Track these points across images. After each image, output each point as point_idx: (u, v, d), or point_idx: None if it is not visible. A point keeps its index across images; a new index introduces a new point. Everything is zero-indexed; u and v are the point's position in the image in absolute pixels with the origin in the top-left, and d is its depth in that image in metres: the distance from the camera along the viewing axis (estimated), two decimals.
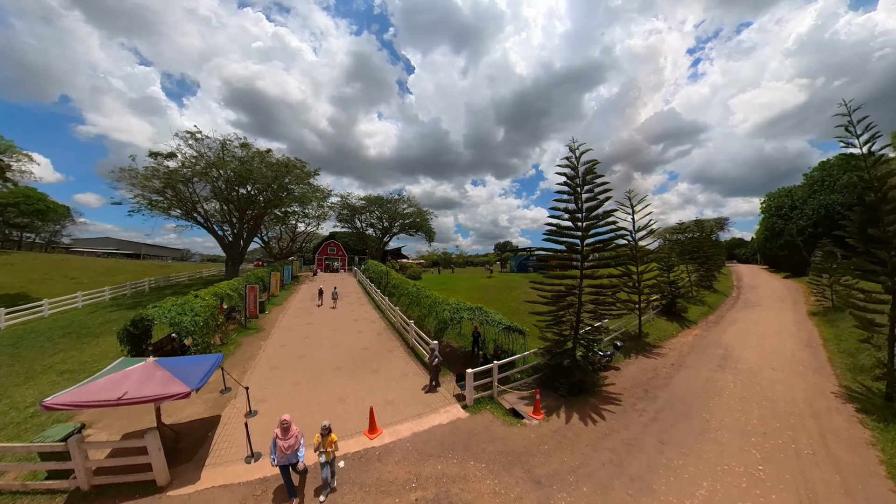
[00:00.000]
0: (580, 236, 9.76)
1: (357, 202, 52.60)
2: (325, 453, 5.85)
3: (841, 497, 5.56)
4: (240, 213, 30.97)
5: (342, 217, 52.83)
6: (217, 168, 27.16)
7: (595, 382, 9.93)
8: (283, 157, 33.49)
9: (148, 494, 5.86)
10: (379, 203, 53.36)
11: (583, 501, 5.27)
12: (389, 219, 54.81)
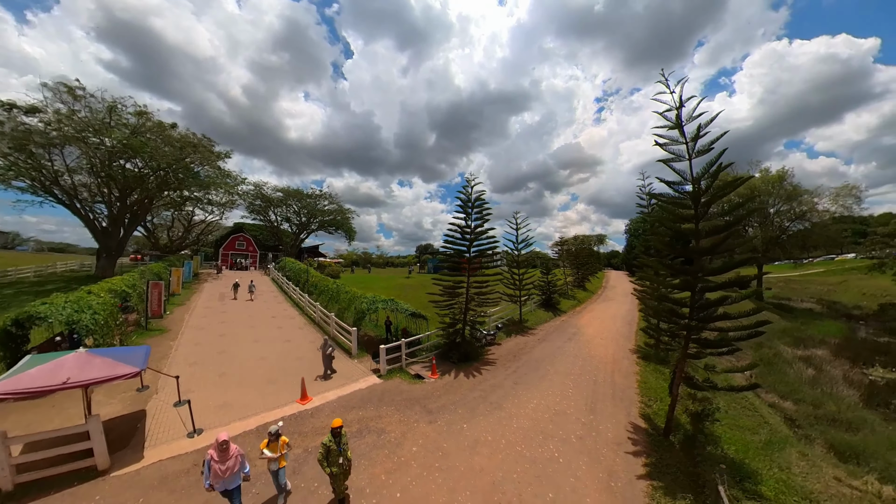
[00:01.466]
0: (467, 246, 13.08)
1: (273, 193, 48.81)
2: (280, 458, 5.55)
3: (609, 399, 9.63)
4: (122, 194, 25.95)
5: (254, 208, 48.46)
6: (99, 134, 22.60)
7: (480, 353, 13.31)
8: (188, 133, 29.40)
9: (88, 480, 6.09)
10: (298, 197, 50.43)
11: (456, 417, 8.10)
12: (308, 214, 52.14)
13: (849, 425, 12.12)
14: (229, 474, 4.93)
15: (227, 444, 4.98)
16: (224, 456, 4.93)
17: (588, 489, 5.78)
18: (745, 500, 5.61)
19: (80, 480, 6.12)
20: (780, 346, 21.87)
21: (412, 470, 6.11)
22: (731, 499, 5.54)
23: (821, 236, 33.59)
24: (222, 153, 32.67)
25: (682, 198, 7.71)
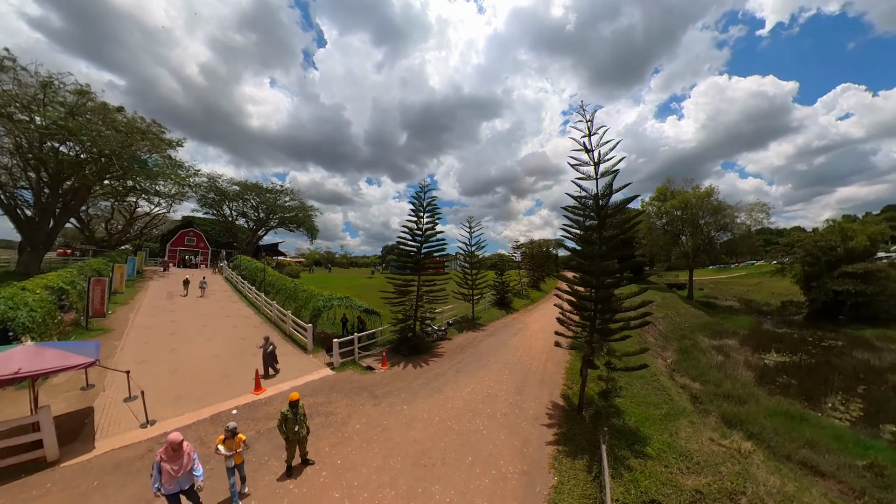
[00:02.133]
0: (418, 247, 14.23)
1: (229, 186, 45.96)
2: (236, 455, 5.45)
3: (537, 383, 11.11)
4: (53, 180, 23.72)
5: (207, 201, 45.28)
6: (28, 111, 20.78)
7: (430, 346, 14.48)
8: (135, 117, 27.35)
9: (37, 471, 6.28)
10: (256, 191, 47.92)
11: (398, 400, 9.19)
12: (267, 210, 49.74)
13: (740, 400, 14.73)
14: (182, 473, 4.84)
15: (180, 444, 4.86)
16: (176, 456, 4.83)
17: (503, 454, 7.09)
18: (632, 457, 7.16)
19: (28, 472, 6.28)
20: (699, 338, 25.27)
21: (354, 442, 7.11)
22: (620, 457, 7.08)
23: (743, 245, 38.68)
24: (174, 141, 30.72)
25: (588, 210, 9.26)
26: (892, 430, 13.83)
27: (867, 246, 30.09)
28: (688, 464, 7.17)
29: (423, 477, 6.10)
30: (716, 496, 6.16)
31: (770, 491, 6.55)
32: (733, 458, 7.67)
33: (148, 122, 28.50)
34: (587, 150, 9.17)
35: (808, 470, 9.92)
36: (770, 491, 6.55)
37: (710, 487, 6.32)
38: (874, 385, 18.03)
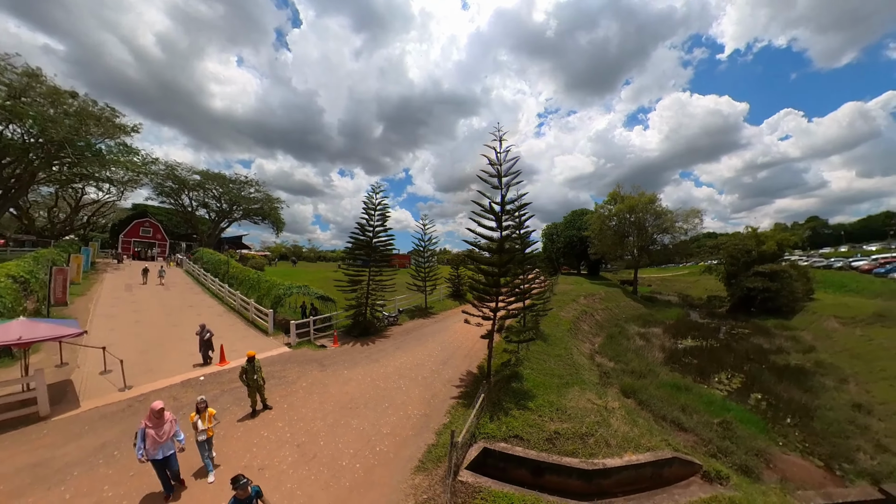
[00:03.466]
0: (369, 241, 16.49)
1: (189, 175, 44.40)
2: (208, 429, 5.97)
3: (462, 357, 13.64)
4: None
5: (164, 190, 43.67)
6: None
7: (380, 330, 16.83)
8: (87, 99, 26.68)
9: (32, 423, 7.65)
10: (219, 181, 46.65)
11: (341, 368, 11.51)
12: (231, 201, 48.84)
13: (642, 375, 18.01)
14: (166, 438, 5.30)
15: (163, 412, 5.37)
16: (160, 422, 5.29)
17: (413, 402, 9.45)
18: (515, 409, 9.61)
19: (25, 424, 7.73)
20: (629, 326, 29.14)
21: (299, 395, 9.35)
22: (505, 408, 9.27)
23: (682, 246, 43.74)
24: (129, 126, 30.07)
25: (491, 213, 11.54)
26: (757, 397, 17.46)
27: (775, 250, 35.45)
28: (559, 415, 9.42)
29: (346, 415, 8.43)
30: (570, 436, 8.35)
31: (615, 434, 8.73)
32: (600, 413, 9.94)
33: (101, 106, 28.04)
34: (495, 164, 11.54)
35: (675, 426, 12.47)
36: (615, 434, 8.73)
37: (568, 430, 8.51)
38: (757, 363, 22.12)
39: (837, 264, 43.38)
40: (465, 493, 5.50)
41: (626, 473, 7.57)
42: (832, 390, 18.41)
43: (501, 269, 10.76)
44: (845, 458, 12.20)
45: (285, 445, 6.95)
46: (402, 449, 6.95)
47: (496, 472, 6.85)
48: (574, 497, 6.57)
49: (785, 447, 12.81)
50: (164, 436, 5.32)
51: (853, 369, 21.16)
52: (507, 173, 11.27)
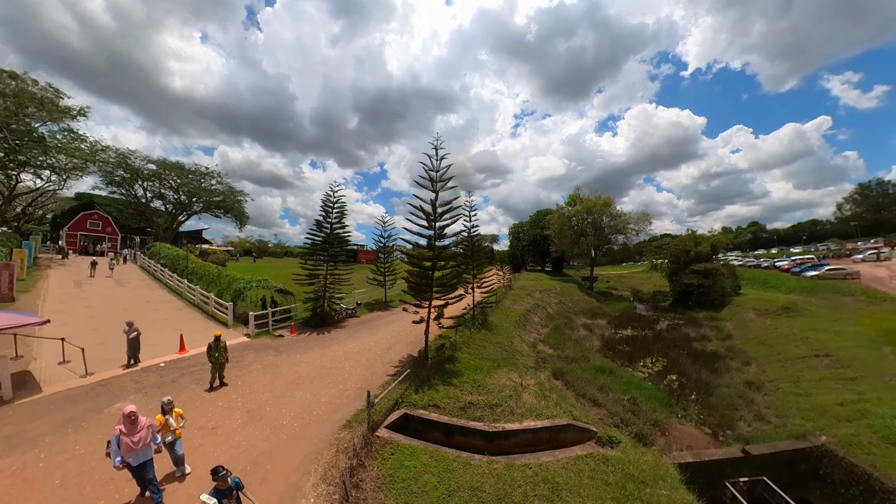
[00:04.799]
0: (325, 237, 17.90)
1: (143, 164, 42.17)
2: (177, 430, 5.98)
3: (407, 343, 15.35)
4: None
5: (115, 180, 41.22)
6: None
7: (338, 321, 18.34)
8: (27, 79, 25.22)
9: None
10: (177, 171, 44.80)
11: (294, 353, 13.01)
12: (190, 194, 47.05)
13: (574, 360, 20.54)
14: (142, 445, 5.16)
15: (136, 415, 5.18)
16: (133, 428, 5.10)
17: (353, 379, 11.03)
18: (441, 385, 11.36)
19: None
20: (578, 318, 32.19)
21: (253, 374, 10.85)
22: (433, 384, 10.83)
23: (640, 246, 47.87)
24: (74, 110, 28.71)
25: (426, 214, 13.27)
26: (672, 378, 20.27)
27: (709, 251, 39.94)
28: (478, 390, 11.06)
29: (293, 388, 10.05)
30: (482, 406, 10.02)
31: (522, 406, 10.36)
32: (515, 389, 11.57)
33: (42, 86, 26.70)
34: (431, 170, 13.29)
35: (591, 403, 14.55)
36: (522, 406, 10.36)
37: (482, 402, 10.18)
38: (680, 350, 25.39)
39: (764, 264, 49.11)
40: (378, 444, 7.23)
41: (524, 436, 9.18)
42: (735, 371, 21.50)
43: (433, 264, 12.56)
44: (729, 427, 14.63)
45: (236, 411, 8.44)
46: (335, 412, 8.60)
47: (416, 433, 8.63)
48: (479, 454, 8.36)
49: (683, 419, 15.24)
50: (139, 442, 5.16)
51: (757, 353, 24.58)
52: (441, 179, 13.06)
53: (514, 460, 7.11)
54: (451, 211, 13.33)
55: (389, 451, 6.90)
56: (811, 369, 19.21)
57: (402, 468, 6.41)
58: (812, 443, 11.53)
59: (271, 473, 6.24)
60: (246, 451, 6.84)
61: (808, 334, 24.00)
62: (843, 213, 77.48)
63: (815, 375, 18.11)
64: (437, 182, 12.98)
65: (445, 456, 6.91)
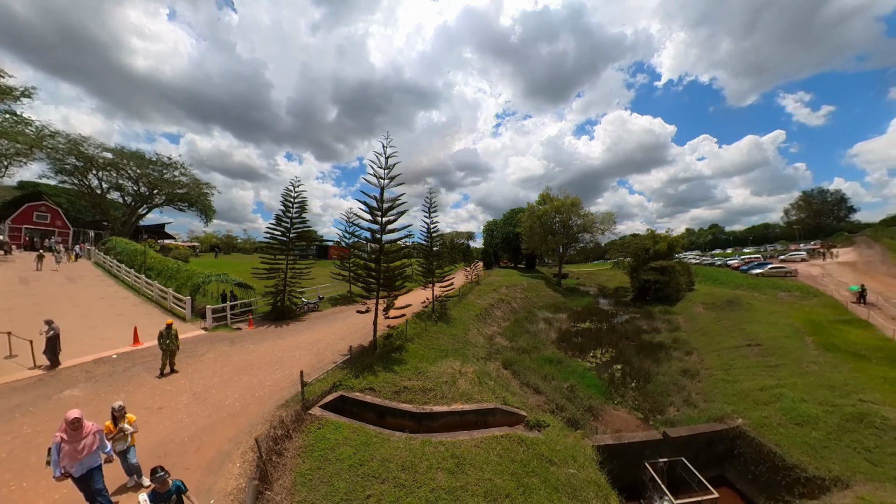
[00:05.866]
0: (286, 233, 18.62)
1: (98, 152, 39.82)
2: (131, 436, 5.71)
3: (360, 335, 16.22)
4: None
5: (66, 169, 38.68)
6: None
7: (299, 314, 19.12)
8: None
9: None
10: (137, 161, 42.64)
11: (249, 343, 13.78)
12: (151, 185, 45.18)
13: (526, 351, 21.92)
14: (87, 453, 4.79)
15: (80, 421, 4.77)
16: (77, 435, 4.74)
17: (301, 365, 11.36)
18: (384, 372, 12.28)
19: None
20: (540, 313, 34.07)
21: (204, 362, 11.62)
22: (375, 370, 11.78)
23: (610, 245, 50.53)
24: (17, 90, 27.25)
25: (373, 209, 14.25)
26: (618, 367, 21.97)
27: (666, 249, 42.89)
28: (417, 376, 11.88)
29: (240, 374, 10.92)
30: (416, 390, 10.88)
31: (455, 391, 11.11)
32: (453, 376, 12.30)
33: None
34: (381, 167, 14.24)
35: (533, 390, 15.26)
36: (455, 391, 11.11)
37: (417, 386, 11.07)
38: (631, 341, 27.40)
39: (718, 262, 53.01)
40: (309, 421, 8.20)
41: (451, 418, 9.90)
42: (675, 360, 23.25)
43: (378, 257, 13.60)
44: (660, 412, 15.73)
45: (183, 394, 9.24)
46: (276, 394, 9.52)
47: (351, 414, 9.50)
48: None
49: (619, 405, 16.44)
50: (84, 450, 4.78)
51: (699, 344, 26.74)
52: (388, 177, 14.09)
53: (431, 438, 8.09)
54: (396, 207, 14.31)
55: (317, 426, 7.88)
56: (742, 357, 20.91)
57: (324, 440, 7.35)
58: (729, 425, 12.39)
59: (206, 443, 7.14)
60: (187, 427, 7.69)
61: (744, 326, 26.40)
62: (790, 218, 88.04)
63: (745, 363, 19.83)
64: (384, 179, 13.95)
65: (367, 432, 7.88)
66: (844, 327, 21.88)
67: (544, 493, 6.79)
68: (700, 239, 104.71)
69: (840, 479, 9.37)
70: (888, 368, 15.25)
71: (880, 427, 10.81)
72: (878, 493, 8.45)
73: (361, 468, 6.61)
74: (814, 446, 10.63)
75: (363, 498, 5.84)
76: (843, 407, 12.00)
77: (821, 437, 10.94)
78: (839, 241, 58.45)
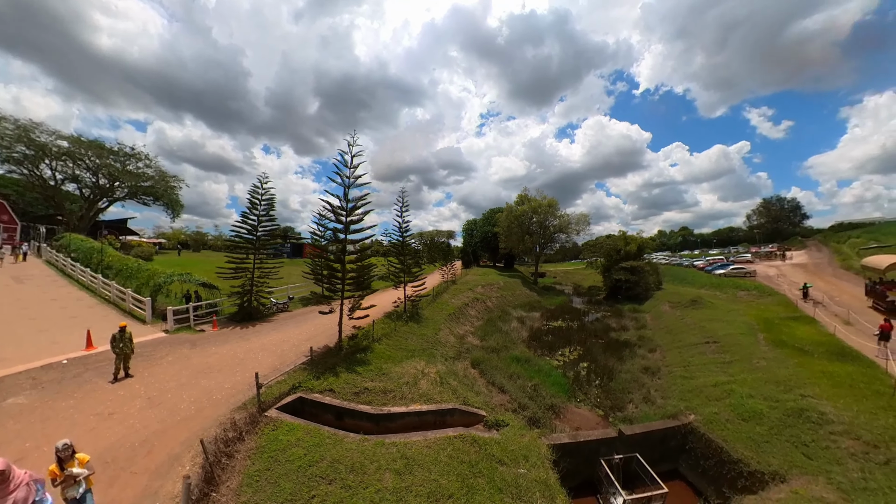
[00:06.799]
0: (253, 230, 18.49)
1: (52, 140, 37.27)
2: (85, 480, 4.89)
3: (327, 336, 16.33)
4: None
5: (13, 157, 35.93)
6: None
7: (267, 315, 19.08)
8: None
9: None
10: (97, 150, 40.18)
11: (211, 346, 13.73)
12: (111, 177, 42.76)
13: (495, 350, 22.35)
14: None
15: (6, 474, 4.05)
16: (5, 489, 4.07)
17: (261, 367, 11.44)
18: (346, 373, 12.39)
19: None
20: (514, 311, 35.02)
21: (162, 366, 11.56)
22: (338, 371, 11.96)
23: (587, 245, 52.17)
24: None
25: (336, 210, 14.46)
26: (584, 365, 22.66)
27: (636, 250, 44.88)
28: (379, 377, 12.19)
29: (199, 377, 10.94)
30: (377, 391, 11.23)
31: (416, 392, 11.54)
32: (415, 376, 12.66)
33: None
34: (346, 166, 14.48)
35: (498, 389, 15.62)
36: (416, 392, 11.54)
37: (377, 388, 11.43)
38: (599, 339, 28.54)
39: (686, 263, 55.77)
40: (265, 423, 8.45)
41: (410, 419, 10.24)
42: (639, 358, 24.00)
43: (342, 257, 13.85)
44: (620, 409, 16.22)
45: (137, 398, 9.24)
46: (234, 397, 9.63)
47: (310, 416, 9.75)
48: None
49: (581, 403, 16.93)
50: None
51: (663, 341, 27.71)
52: (353, 176, 14.34)
53: (385, 439, 8.43)
54: (361, 207, 14.57)
55: (271, 427, 8.13)
56: (701, 354, 21.80)
57: (276, 442, 7.60)
58: (681, 421, 12.85)
59: (157, 447, 7.24)
60: (138, 431, 7.74)
61: (705, 324, 27.70)
62: (751, 223, 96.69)
63: (702, 360, 20.67)
64: (349, 178, 14.18)
65: (321, 433, 8.15)
66: (793, 324, 23.30)
67: (487, 493, 7.17)
68: (671, 240, 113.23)
69: (778, 473, 9.72)
70: (827, 363, 16.26)
71: (816, 422, 11.28)
72: (810, 487, 8.75)
73: (310, 469, 6.90)
74: (757, 441, 11.06)
75: (307, 498, 6.16)
76: (786, 402, 12.51)
77: (764, 432, 11.39)
78: (793, 244, 63.06)
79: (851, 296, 29.22)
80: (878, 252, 38.81)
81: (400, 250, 21.66)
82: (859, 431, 10.38)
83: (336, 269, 13.98)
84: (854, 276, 35.89)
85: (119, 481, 6.25)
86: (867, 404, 11.75)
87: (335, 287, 14.20)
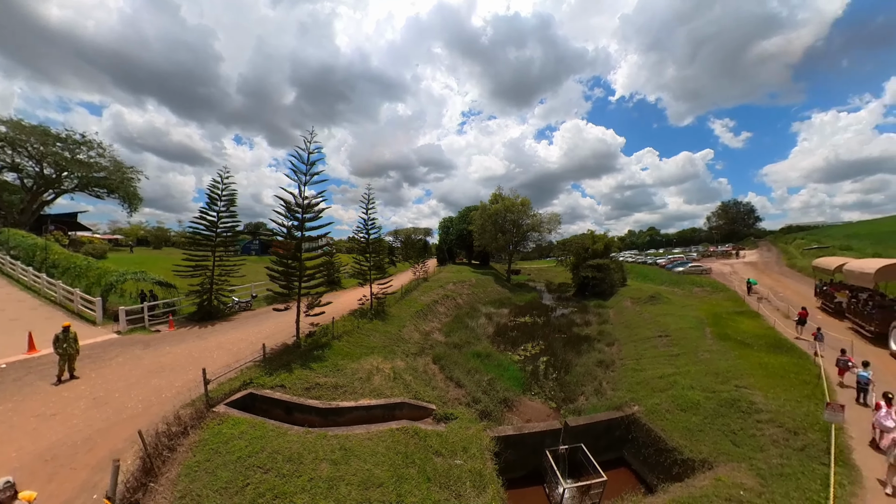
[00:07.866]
0: (213, 226, 18.47)
1: None
2: None
3: (286, 335, 16.71)
4: None
5: None
6: None
7: (227, 314, 19.15)
8: None
9: None
10: (41, 137, 37.49)
11: (166, 346, 13.84)
12: (57, 167, 40.03)
13: (457, 346, 22.92)
14: None
15: None
16: None
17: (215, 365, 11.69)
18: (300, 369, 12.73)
19: None
20: (483, 308, 36.09)
21: (111, 367, 11.65)
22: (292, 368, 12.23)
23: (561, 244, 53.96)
24: None
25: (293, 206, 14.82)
26: (544, 359, 23.50)
27: (602, 248, 47.10)
28: (333, 373, 12.50)
29: (150, 377, 11.12)
30: (328, 387, 11.45)
31: (367, 387, 12.00)
32: (370, 373, 13.13)
33: None
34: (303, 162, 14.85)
35: (455, 384, 16.25)
36: (367, 387, 12.00)
37: (329, 383, 11.72)
38: (561, 334, 29.85)
39: (649, 261, 58.91)
40: (211, 417, 8.82)
41: (358, 413, 10.61)
42: (596, 352, 24.81)
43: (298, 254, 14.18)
44: (572, 401, 16.72)
45: (82, 399, 9.40)
46: (184, 394, 9.86)
47: (261, 411, 10.07)
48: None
49: (536, 396, 17.59)
50: None
51: (621, 336, 28.89)
52: (309, 174, 14.72)
53: (328, 432, 8.89)
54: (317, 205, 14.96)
55: (217, 422, 8.54)
56: (652, 348, 22.98)
57: (219, 435, 7.98)
58: (626, 412, 13.39)
59: (99, 445, 7.51)
60: (81, 431, 7.98)
61: (660, 318, 29.21)
62: (711, 224, 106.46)
63: (654, 353, 21.78)
64: (305, 175, 14.52)
65: (266, 427, 8.57)
66: (739, 318, 24.88)
67: (415, 482, 7.73)
68: (640, 240, 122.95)
69: (707, 460, 10.17)
70: (765, 355, 17.15)
71: (746, 411, 11.79)
72: (733, 474, 9.14)
73: (249, 460, 7.36)
74: (692, 430, 11.57)
75: (242, 486, 6.65)
76: (721, 393, 13.03)
77: (699, 421, 11.90)
78: (747, 244, 68.23)
79: (794, 291, 31.77)
80: (819, 253, 42.56)
81: (365, 248, 22.09)
82: (783, 419, 10.92)
83: (293, 267, 14.33)
84: (797, 273, 39.25)
85: (58, 477, 6.56)
86: (794, 393, 12.39)
87: (292, 285, 14.53)
